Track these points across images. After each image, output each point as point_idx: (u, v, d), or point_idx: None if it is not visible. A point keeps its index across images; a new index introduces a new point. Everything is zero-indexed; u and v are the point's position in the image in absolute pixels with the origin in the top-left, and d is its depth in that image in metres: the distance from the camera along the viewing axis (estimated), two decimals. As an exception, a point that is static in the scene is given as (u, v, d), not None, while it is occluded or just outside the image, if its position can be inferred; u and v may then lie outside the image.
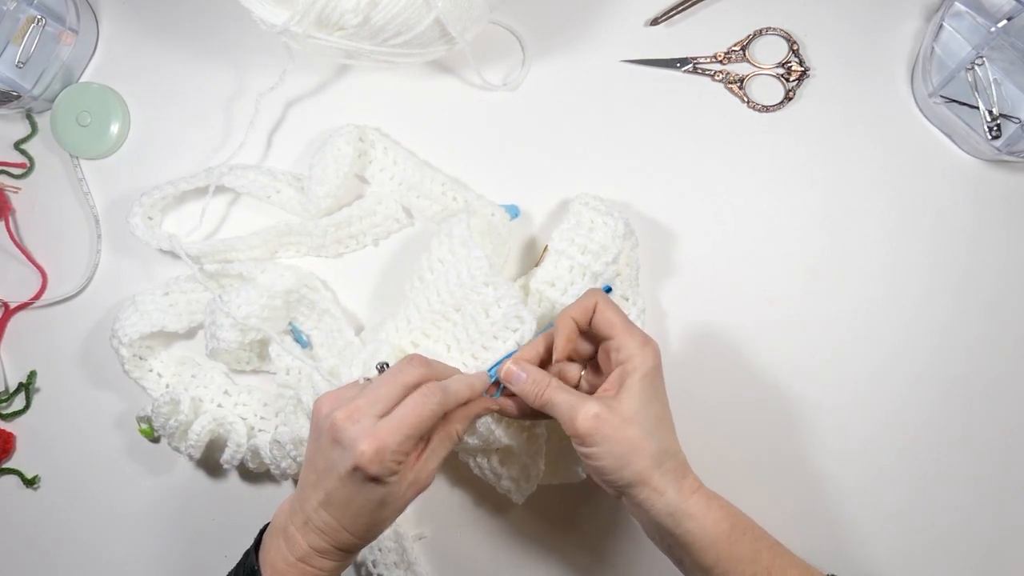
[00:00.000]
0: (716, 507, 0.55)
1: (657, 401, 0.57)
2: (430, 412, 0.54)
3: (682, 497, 0.55)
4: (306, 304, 0.70)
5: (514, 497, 0.67)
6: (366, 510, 0.54)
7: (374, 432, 0.52)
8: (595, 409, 0.54)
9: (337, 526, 0.55)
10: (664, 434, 0.56)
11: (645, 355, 0.56)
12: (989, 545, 0.70)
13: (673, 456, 0.56)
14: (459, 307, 0.64)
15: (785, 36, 0.72)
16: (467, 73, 0.74)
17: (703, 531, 0.55)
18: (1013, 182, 0.71)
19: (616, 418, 0.54)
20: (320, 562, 0.56)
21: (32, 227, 0.76)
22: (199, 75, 0.75)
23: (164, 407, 0.68)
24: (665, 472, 0.55)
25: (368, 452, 0.52)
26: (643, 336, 0.57)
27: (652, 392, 0.56)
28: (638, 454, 0.54)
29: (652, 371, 0.56)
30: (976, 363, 0.70)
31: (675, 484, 0.55)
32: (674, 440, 0.57)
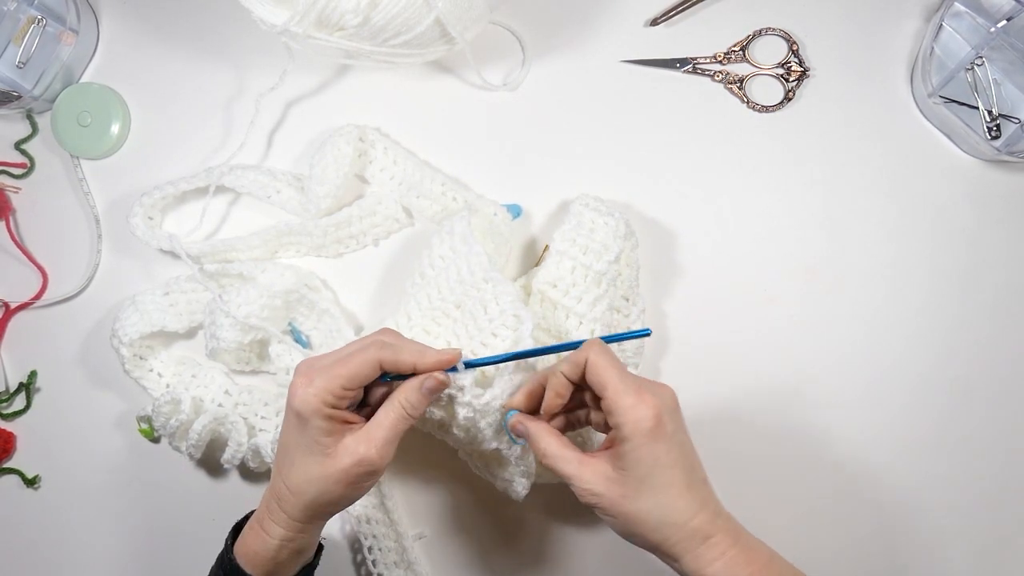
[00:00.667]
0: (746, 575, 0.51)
1: (658, 468, 0.51)
2: (362, 357, 0.54)
3: (698, 566, 0.52)
4: (306, 304, 0.70)
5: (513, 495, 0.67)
6: (297, 454, 0.54)
7: (308, 371, 0.54)
8: (591, 485, 0.53)
9: (277, 475, 0.56)
10: (669, 503, 0.51)
11: (638, 421, 0.51)
12: (991, 545, 0.70)
13: (682, 526, 0.51)
14: (459, 304, 0.64)
15: (785, 36, 0.72)
16: (467, 73, 0.74)
17: None
18: (1012, 182, 0.71)
19: (613, 493, 0.52)
20: (268, 524, 0.56)
21: (33, 227, 0.76)
22: (199, 75, 0.75)
23: (165, 407, 0.68)
24: (674, 544, 0.52)
25: (295, 384, 0.53)
26: (638, 395, 0.51)
27: (651, 461, 0.51)
28: (640, 527, 0.52)
29: (647, 438, 0.51)
30: (977, 362, 0.70)
31: (690, 552, 0.52)
32: (687, 504, 0.52)
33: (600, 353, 0.54)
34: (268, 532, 0.56)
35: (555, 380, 0.56)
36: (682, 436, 0.53)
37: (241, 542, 0.58)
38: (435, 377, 0.56)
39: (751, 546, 0.53)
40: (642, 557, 0.71)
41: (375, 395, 0.58)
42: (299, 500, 0.55)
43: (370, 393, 0.58)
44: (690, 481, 0.52)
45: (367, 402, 0.58)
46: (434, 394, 0.57)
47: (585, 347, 0.54)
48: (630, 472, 0.51)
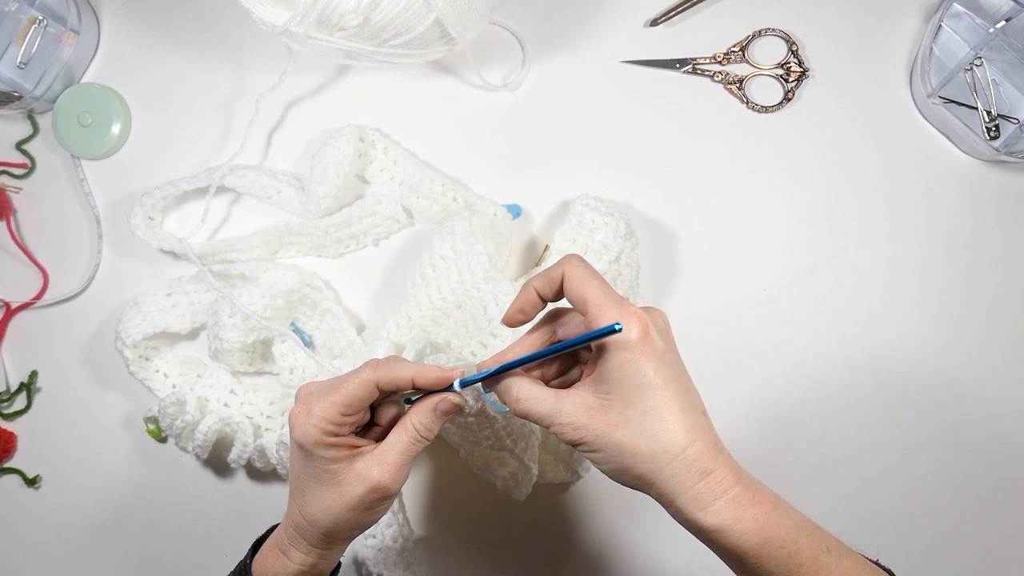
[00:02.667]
0: (749, 518, 0.46)
1: (647, 388, 0.46)
2: (356, 380, 0.50)
3: (697, 505, 0.46)
4: (308, 304, 0.70)
5: (515, 494, 0.67)
6: (308, 486, 0.52)
7: (305, 400, 0.51)
8: (572, 418, 0.47)
9: (294, 506, 0.54)
10: (660, 428, 0.46)
11: (622, 335, 0.45)
12: (989, 544, 0.70)
13: (676, 455, 0.46)
14: (460, 304, 0.64)
15: (784, 37, 0.72)
16: (467, 73, 0.74)
17: (727, 543, 0.46)
18: (1011, 182, 0.71)
19: (598, 423, 0.47)
20: (289, 550, 0.54)
21: (33, 227, 0.76)
22: (200, 76, 0.76)
23: (170, 407, 0.68)
24: (669, 476, 0.46)
25: (293, 413, 0.51)
26: (621, 306, 0.46)
27: (638, 379, 0.46)
28: (631, 458, 0.46)
29: (635, 346, 0.46)
30: (975, 362, 0.71)
31: (688, 489, 0.46)
32: (682, 432, 0.46)
33: (578, 266, 0.48)
34: (289, 557, 0.55)
35: (523, 295, 0.50)
36: (674, 358, 0.48)
37: (260, 562, 0.56)
38: (449, 400, 0.52)
39: (755, 487, 0.47)
40: (643, 557, 0.71)
41: (384, 416, 0.55)
42: (317, 529, 0.53)
43: (378, 413, 0.55)
44: (684, 406, 0.46)
45: (376, 421, 0.55)
46: (448, 416, 0.52)
47: (561, 261, 0.49)
48: (615, 394, 0.46)
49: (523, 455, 0.64)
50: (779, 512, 0.47)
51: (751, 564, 0.46)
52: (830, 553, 0.47)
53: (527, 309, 0.51)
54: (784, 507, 0.48)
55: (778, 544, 0.46)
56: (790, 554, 0.46)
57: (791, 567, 0.46)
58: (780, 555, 0.46)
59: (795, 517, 0.48)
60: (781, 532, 0.46)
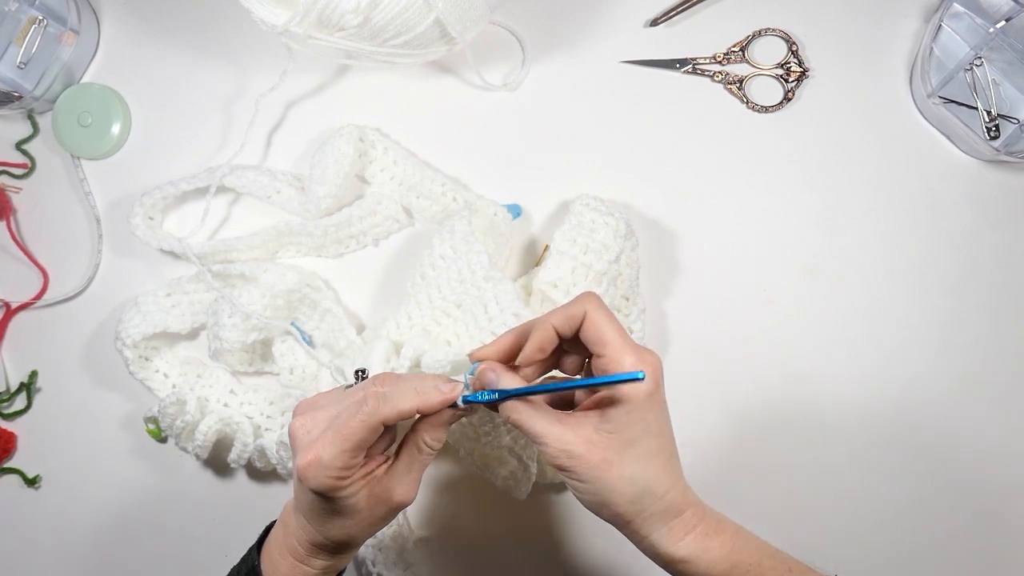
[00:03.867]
0: (715, 546, 0.50)
1: (648, 434, 0.49)
2: (358, 423, 0.50)
3: (671, 540, 0.50)
4: (308, 304, 0.70)
5: (514, 494, 0.67)
6: (328, 517, 0.53)
7: (311, 446, 0.50)
8: (568, 446, 0.49)
9: (311, 529, 0.54)
10: (652, 473, 0.49)
11: (639, 383, 0.48)
12: (990, 545, 0.70)
13: (660, 497, 0.50)
14: (460, 303, 0.64)
15: (784, 37, 0.72)
16: (467, 73, 0.74)
17: (696, 572, 0.50)
18: (1011, 182, 0.71)
19: (594, 457, 0.49)
20: (306, 559, 0.55)
21: (33, 227, 0.76)
22: (200, 76, 0.76)
23: (170, 407, 0.68)
24: (648, 516, 0.50)
25: (301, 465, 0.50)
26: (638, 356, 0.49)
27: (642, 425, 0.49)
28: (617, 496, 0.49)
29: (644, 401, 0.49)
30: (975, 362, 0.71)
31: (662, 526, 0.50)
32: (667, 476, 0.50)
33: (599, 308, 0.50)
34: (308, 565, 0.55)
35: (542, 333, 0.51)
36: (666, 408, 0.51)
37: (270, 565, 0.56)
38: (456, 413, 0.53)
39: (717, 519, 0.52)
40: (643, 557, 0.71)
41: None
42: (340, 546, 0.55)
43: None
44: (671, 453, 0.51)
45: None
46: (452, 423, 0.54)
47: (581, 300, 0.51)
48: (617, 435, 0.49)
49: (522, 453, 0.64)
50: (741, 538, 0.51)
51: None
52: (792, 572, 0.52)
53: (545, 347, 0.52)
54: (745, 534, 0.52)
55: (744, 568, 0.50)
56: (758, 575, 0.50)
57: None
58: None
59: (756, 542, 0.52)
60: (745, 556, 0.51)
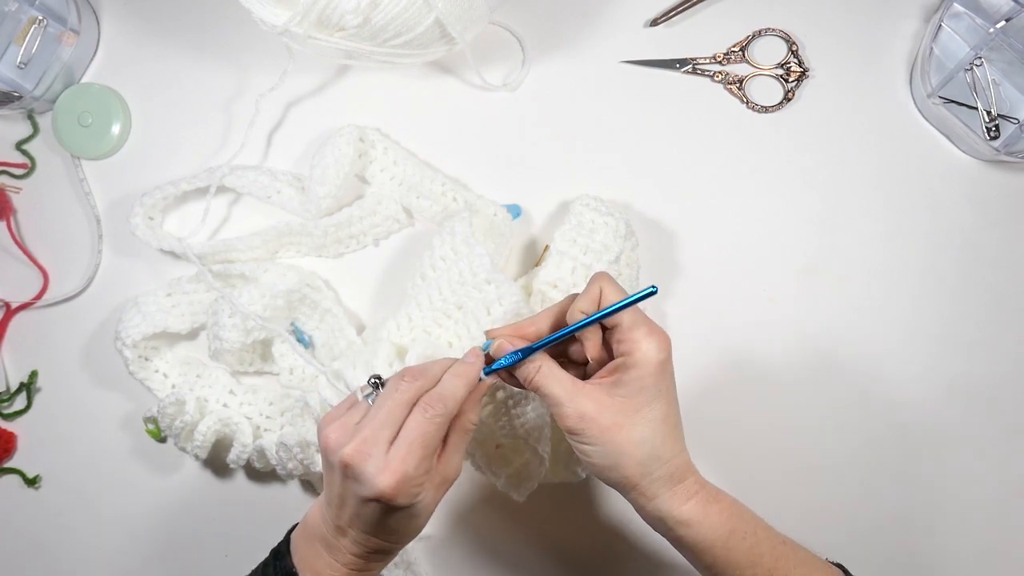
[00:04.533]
0: (715, 512, 0.54)
1: (657, 401, 0.53)
2: (436, 427, 0.52)
3: (674, 504, 0.53)
4: (308, 304, 0.70)
5: (515, 495, 0.67)
6: (398, 526, 0.54)
7: (389, 465, 0.51)
8: (583, 408, 0.52)
9: (376, 541, 0.54)
10: (660, 437, 0.53)
11: (648, 351, 0.52)
12: (989, 544, 0.70)
13: (666, 461, 0.53)
14: (461, 305, 0.64)
15: (784, 37, 0.72)
16: (467, 73, 0.74)
17: (698, 536, 0.53)
18: (1011, 182, 0.71)
19: (605, 419, 0.52)
20: (363, 564, 0.55)
21: (33, 227, 0.76)
22: (200, 76, 0.76)
23: (170, 407, 0.68)
24: (655, 479, 0.53)
25: (389, 487, 0.50)
26: (649, 328, 0.53)
27: (653, 391, 0.53)
28: (626, 458, 0.53)
29: (655, 368, 0.52)
30: (974, 362, 0.71)
31: (667, 490, 0.53)
32: (672, 443, 0.54)
33: (611, 283, 0.54)
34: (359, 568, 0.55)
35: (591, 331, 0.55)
36: (674, 379, 0.55)
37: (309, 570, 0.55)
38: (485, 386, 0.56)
39: (716, 489, 0.55)
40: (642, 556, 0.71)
41: None
42: (396, 545, 0.56)
43: None
44: (677, 423, 0.55)
45: None
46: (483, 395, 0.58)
47: (596, 279, 0.55)
48: (629, 399, 0.52)
49: (536, 445, 0.64)
50: (738, 508, 0.55)
51: (719, 554, 0.53)
52: (785, 544, 0.56)
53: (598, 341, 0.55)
54: (741, 506, 0.56)
55: (741, 535, 0.54)
56: (751, 545, 0.54)
57: (753, 556, 0.54)
58: (744, 545, 0.54)
59: (751, 513, 0.56)
60: (743, 525, 0.54)
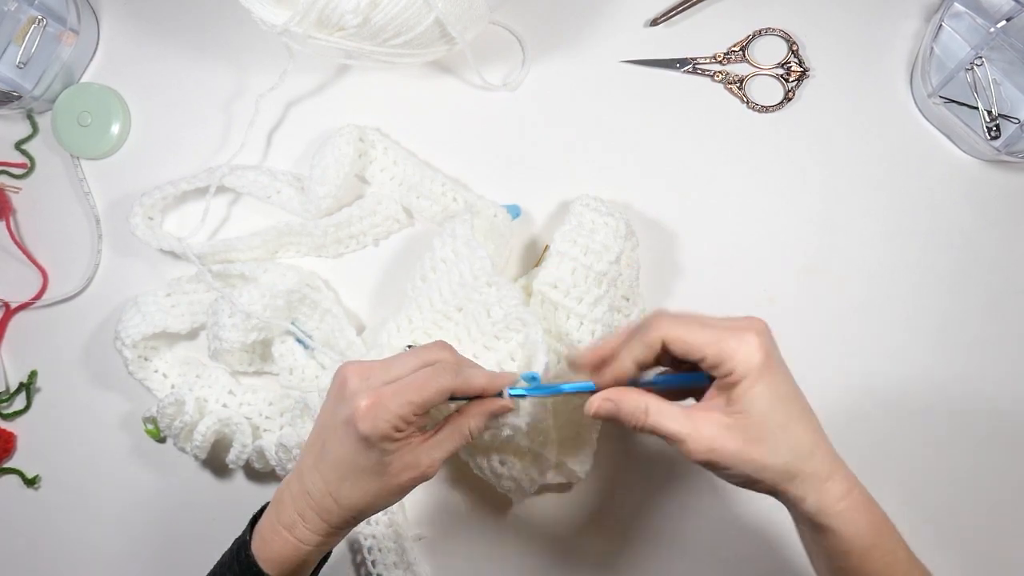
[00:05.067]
0: (865, 522, 0.51)
1: (777, 403, 0.49)
2: (436, 385, 0.51)
3: (825, 506, 0.50)
4: (308, 304, 0.70)
5: (514, 497, 0.67)
6: (354, 474, 0.53)
7: (375, 392, 0.51)
8: (708, 440, 0.49)
9: (324, 489, 0.54)
10: (793, 440, 0.50)
11: (746, 356, 0.49)
12: (989, 545, 0.70)
13: (807, 460, 0.50)
14: (461, 307, 0.64)
15: (784, 36, 0.72)
16: (467, 73, 0.74)
17: (838, 542, 0.50)
18: (1012, 182, 0.71)
19: (734, 443, 0.49)
20: (303, 532, 0.54)
21: (33, 227, 0.76)
22: (200, 75, 0.75)
23: (169, 408, 0.68)
24: (801, 482, 0.50)
25: (363, 406, 0.51)
26: (735, 335, 0.49)
27: (768, 396, 0.49)
28: (766, 472, 0.50)
29: (762, 367, 0.49)
30: (974, 362, 0.70)
31: (815, 492, 0.50)
32: (809, 438, 0.50)
33: (672, 324, 0.50)
34: (303, 540, 0.55)
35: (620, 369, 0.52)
36: (785, 366, 0.51)
37: (264, 546, 0.56)
38: (502, 404, 0.55)
39: (866, 493, 0.52)
40: (643, 556, 0.71)
41: None
42: (348, 512, 0.54)
43: None
44: (804, 410, 0.51)
45: None
46: (496, 416, 0.56)
47: (653, 325, 0.51)
48: (749, 414, 0.49)
49: (541, 449, 0.64)
50: (886, 521, 0.52)
51: (853, 562, 0.51)
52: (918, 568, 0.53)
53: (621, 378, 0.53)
54: (887, 521, 0.53)
55: (882, 550, 0.51)
56: (889, 563, 0.51)
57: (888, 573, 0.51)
58: (882, 561, 0.51)
59: (896, 532, 0.53)
60: (886, 541, 0.51)
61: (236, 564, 0.56)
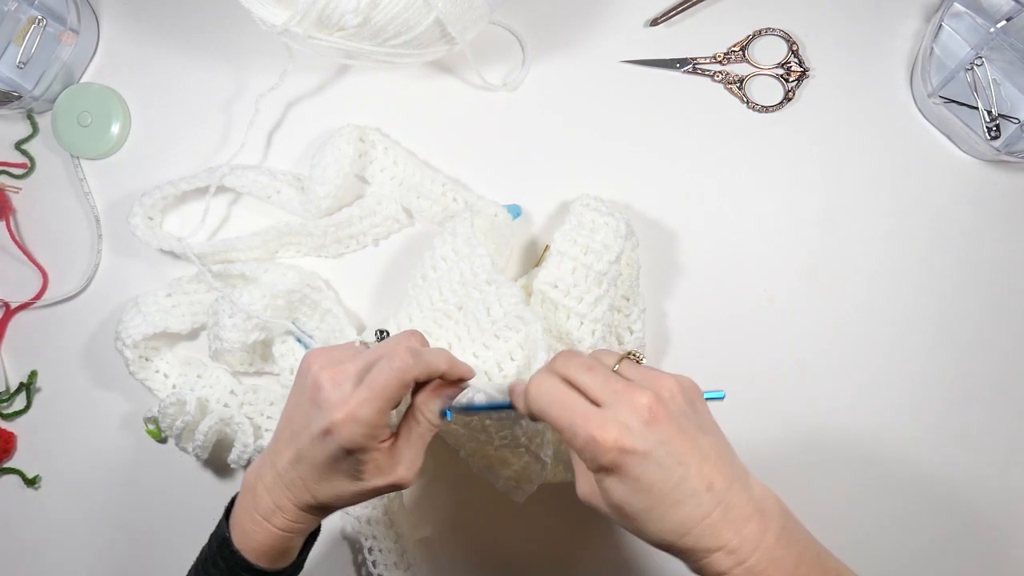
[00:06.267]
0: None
1: (639, 493, 0.47)
2: (396, 377, 0.51)
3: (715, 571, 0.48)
4: (308, 304, 0.70)
5: (515, 496, 0.67)
6: (332, 475, 0.54)
7: (349, 400, 0.51)
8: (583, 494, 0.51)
9: (303, 485, 0.54)
10: (660, 521, 0.48)
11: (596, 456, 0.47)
12: (989, 546, 0.70)
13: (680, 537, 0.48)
14: (461, 305, 0.64)
15: (784, 36, 0.72)
16: (467, 73, 0.74)
17: None
18: (1012, 182, 0.71)
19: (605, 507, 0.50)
20: (282, 521, 0.55)
21: (33, 227, 0.76)
22: (200, 75, 0.75)
23: (170, 408, 0.68)
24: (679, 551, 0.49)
25: (339, 419, 0.51)
26: (588, 427, 0.47)
27: (624, 488, 0.48)
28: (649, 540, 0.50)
29: (613, 468, 0.47)
30: (974, 362, 0.71)
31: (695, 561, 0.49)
32: (678, 521, 0.47)
33: (535, 398, 0.50)
34: (283, 528, 0.56)
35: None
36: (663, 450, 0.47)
37: (244, 537, 0.56)
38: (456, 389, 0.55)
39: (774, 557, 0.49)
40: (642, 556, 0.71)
41: None
42: (327, 507, 0.56)
43: None
44: (677, 498, 0.47)
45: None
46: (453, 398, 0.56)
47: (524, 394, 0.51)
48: (609, 497, 0.49)
49: (539, 451, 0.64)
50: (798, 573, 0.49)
51: None
52: None
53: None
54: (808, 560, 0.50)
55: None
56: None
57: None
58: None
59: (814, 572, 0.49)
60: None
61: (221, 560, 0.57)
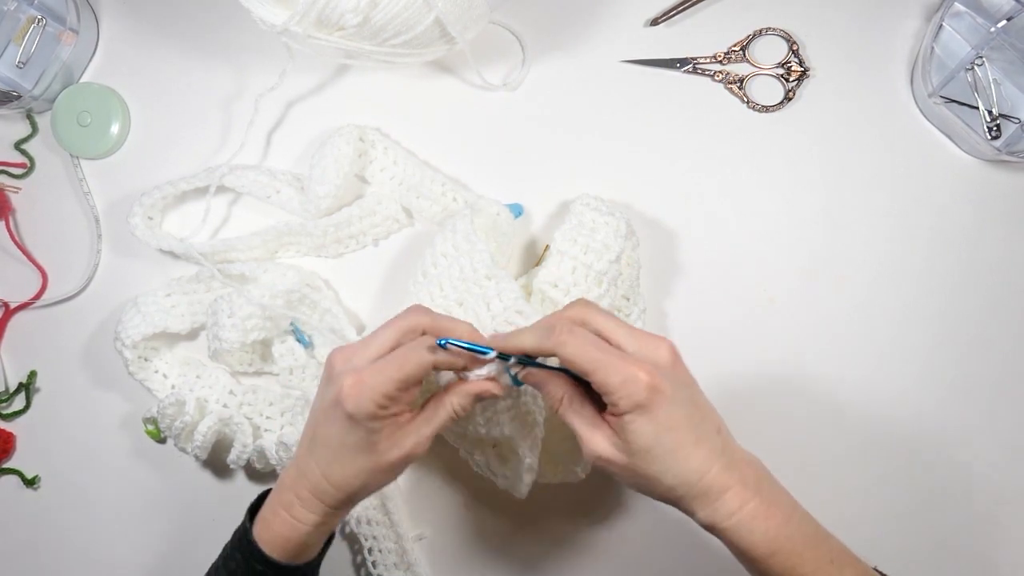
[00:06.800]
0: (760, 531, 0.51)
1: (664, 433, 0.50)
2: (416, 359, 0.52)
3: (717, 520, 0.51)
4: (308, 304, 0.70)
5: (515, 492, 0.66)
6: (344, 453, 0.54)
7: (357, 369, 0.53)
8: (598, 450, 0.52)
9: (318, 471, 0.55)
10: (680, 464, 0.51)
11: (630, 393, 0.49)
12: (989, 545, 0.70)
13: (694, 484, 0.51)
14: (462, 301, 0.64)
15: (785, 36, 0.72)
16: (467, 73, 0.74)
17: (738, 550, 0.52)
18: (1013, 182, 0.71)
19: (621, 460, 0.52)
20: (300, 512, 0.56)
21: (32, 227, 0.76)
22: (199, 75, 0.75)
23: (169, 408, 0.68)
24: (691, 499, 0.52)
25: (347, 386, 0.52)
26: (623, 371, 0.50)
27: (653, 428, 0.50)
28: (651, 488, 0.52)
29: (646, 406, 0.50)
30: (975, 362, 0.70)
31: (707, 507, 0.51)
32: (698, 463, 0.51)
33: (568, 343, 0.51)
34: (301, 520, 0.56)
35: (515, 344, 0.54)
36: (684, 393, 0.52)
37: (265, 528, 0.57)
38: (490, 390, 0.56)
39: (772, 499, 0.52)
40: (643, 556, 0.71)
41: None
42: (341, 492, 0.56)
43: None
44: (698, 436, 0.51)
45: None
46: (481, 399, 0.57)
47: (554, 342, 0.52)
48: (633, 443, 0.51)
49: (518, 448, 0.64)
50: (790, 524, 0.52)
51: (760, 567, 0.52)
52: (832, 564, 0.53)
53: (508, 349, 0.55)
54: (797, 518, 0.53)
55: (784, 555, 0.51)
56: (795, 564, 0.51)
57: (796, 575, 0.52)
58: (786, 564, 0.51)
59: (805, 528, 0.53)
60: (788, 545, 0.51)
61: (239, 552, 0.57)
